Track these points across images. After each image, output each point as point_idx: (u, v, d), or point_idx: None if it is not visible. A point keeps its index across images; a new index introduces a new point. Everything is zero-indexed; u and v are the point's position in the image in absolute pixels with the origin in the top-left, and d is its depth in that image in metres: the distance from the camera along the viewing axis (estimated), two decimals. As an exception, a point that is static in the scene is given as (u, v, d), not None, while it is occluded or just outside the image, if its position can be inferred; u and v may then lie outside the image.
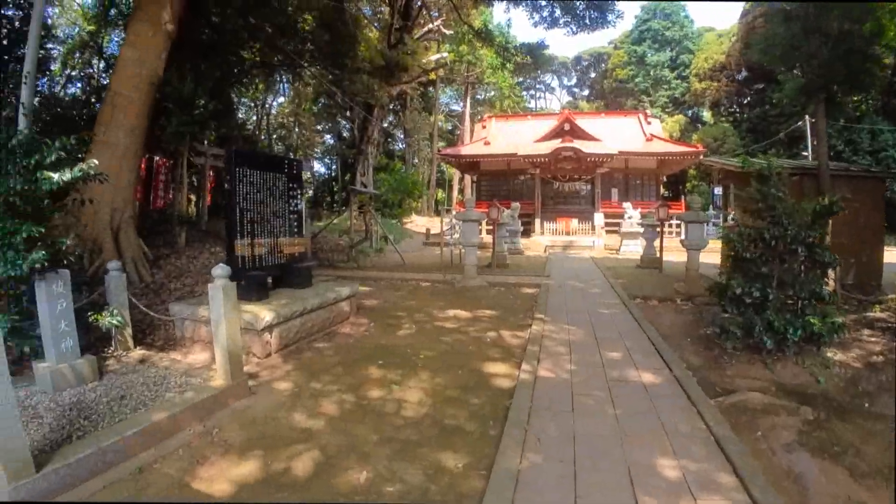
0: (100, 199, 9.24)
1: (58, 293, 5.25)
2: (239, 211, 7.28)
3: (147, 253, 10.23)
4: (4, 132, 5.49)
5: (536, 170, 25.67)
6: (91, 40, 17.71)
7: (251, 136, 25.35)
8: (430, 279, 12.18)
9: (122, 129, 9.80)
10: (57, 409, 4.70)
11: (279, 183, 8.13)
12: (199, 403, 4.89)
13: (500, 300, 9.96)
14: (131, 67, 10.02)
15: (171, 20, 10.33)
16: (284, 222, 8.27)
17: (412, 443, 4.33)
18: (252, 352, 6.55)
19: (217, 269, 5.16)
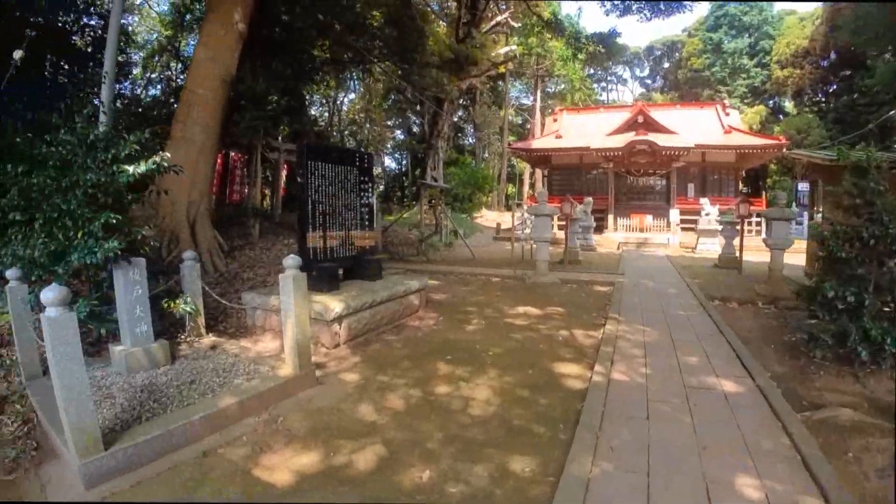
0: (177, 192, 9.58)
1: (134, 280, 5.40)
2: (311, 203, 7.34)
3: (222, 244, 10.56)
4: (86, 128, 5.71)
5: (609, 164, 24.86)
6: (169, 44, 18.53)
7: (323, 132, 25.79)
8: (500, 274, 11.94)
9: (198, 125, 10.17)
10: (129, 391, 4.82)
11: (351, 176, 8.15)
12: (265, 392, 4.90)
13: (572, 298, 9.61)
14: (205, 67, 10.38)
15: (241, 20, 10.60)
16: (356, 215, 8.29)
17: (478, 443, 4.15)
18: (321, 342, 6.56)
19: (288, 259, 5.14)
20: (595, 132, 26.42)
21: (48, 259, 5.24)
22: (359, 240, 8.37)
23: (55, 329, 3.43)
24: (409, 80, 19.42)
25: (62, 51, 10.53)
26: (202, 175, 10.31)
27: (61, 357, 3.46)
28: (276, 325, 6.85)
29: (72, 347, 3.50)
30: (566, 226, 14.05)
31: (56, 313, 3.45)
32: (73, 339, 3.51)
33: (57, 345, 3.44)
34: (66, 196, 5.33)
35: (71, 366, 3.50)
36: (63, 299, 3.50)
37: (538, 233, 11.36)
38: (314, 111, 30.95)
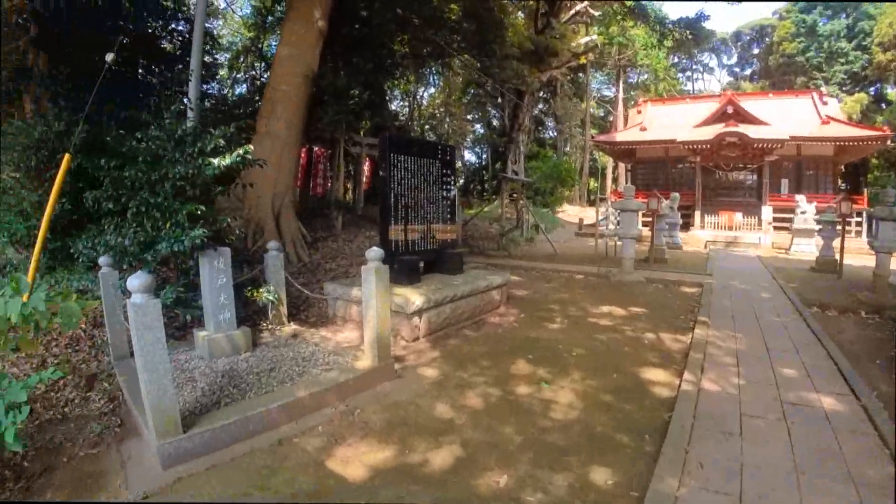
0: (262, 185, 9.90)
1: (219, 269, 5.57)
2: (393, 196, 7.33)
3: (305, 235, 10.84)
4: (174, 124, 5.97)
5: (697, 157, 23.72)
6: (252, 45, 19.16)
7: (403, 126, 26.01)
8: (583, 271, 11.56)
9: (282, 120, 10.49)
10: (210, 375, 4.97)
11: (433, 169, 8.08)
12: (343, 383, 4.90)
13: (658, 298, 9.14)
14: (287, 64, 10.70)
15: (321, 17, 10.84)
16: (437, 208, 8.22)
17: (559, 449, 3.94)
18: (401, 335, 6.53)
19: (371, 251, 5.11)
20: (681, 124, 25.33)
21: (138, 247, 5.48)
22: (440, 233, 8.29)
23: (140, 314, 3.54)
24: (489, 73, 19.22)
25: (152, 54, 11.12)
26: (286, 168, 10.59)
27: (145, 341, 3.58)
28: (357, 316, 6.90)
29: (155, 332, 3.61)
30: (652, 222, 13.49)
31: (141, 299, 3.56)
32: (156, 325, 3.61)
33: (141, 329, 3.56)
34: (154, 188, 5.60)
35: (154, 350, 3.62)
36: (148, 286, 3.60)
37: (624, 229, 10.89)
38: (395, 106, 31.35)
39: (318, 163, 17.74)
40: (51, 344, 5.89)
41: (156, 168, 5.64)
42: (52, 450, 4.11)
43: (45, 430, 4.38)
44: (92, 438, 4.25)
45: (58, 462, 3.96)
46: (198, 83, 7.94)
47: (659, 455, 3.73)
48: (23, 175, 6.82)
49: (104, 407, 4.79)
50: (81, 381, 5.19)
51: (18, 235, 6.59)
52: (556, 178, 19.63)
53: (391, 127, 18.69)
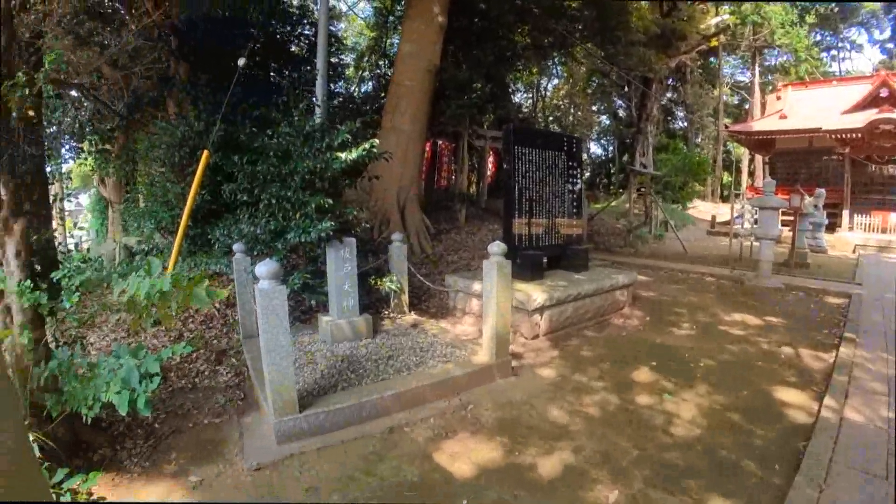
0: (388, 178, 10.24)
1: (344, 258, 5.85)
2: (517, 189, 7.26)
3: (429, 227, 11.07)
4: (301, 121, 6.40)
5: (846, 148, 21.47)
6: (375, 45, 19.74)
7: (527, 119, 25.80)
8: (715, 273, 10.81)
9: (406, 115, 10.77)
10: (331, 359, 5.23)
11: (558, 161, 7.92)
12: (458, 376, 4.92)
13: (798, 308, 8.31)
14: (409, 60, 10.94)
15: (441, 13, 10.92)
16: (563, 202, 8.06)
17: (676, 469, 3.67)
18: (520, 332, 6.45)
19: (493, 245, 5.07)
20: (827, 110, 23.02)
21: (269, 236, 5.95)
22: (565, 228, 8.13)
23: (266, 299, 3.79)
24: (614, 61, 18.57)
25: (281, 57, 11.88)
26: (411, 162, 10.83)
27: (269, 324, 3.80)
28: (477, 310, 6.92)
29: (279, 316, 3.83)
30: (794, 222, 12.25)
31: (267, 285, 3.81)
32: (280, 309, 3.83)
33: (266, 313, 3.79)
34: (285, 182, 6.02)
35: (277, 332, 3.84)
36: (275, 273, 3.85)
37: (762, 229, 9.97)
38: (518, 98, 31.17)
39: (443, 156, 17.98)
40: (188, 321, 6.57)
41: (286, 163, 6.06)
42: (181, 415, 4.54)
43: (176, 397, 4.86)
44: (216, 408, 4.68)
45: (184, 426, 4.37)
46: (324, 82, 8.31)
47: (789, 489, 3.35)
48: (167, 170, 7.52)
49: (230, 381, 5.23)
50: (212, 355, 5.73)
51: (164, 223, 7.29)
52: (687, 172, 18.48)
53: (514, 119, 18.59)
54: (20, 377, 3.42)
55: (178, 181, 7.31)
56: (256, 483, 3.54)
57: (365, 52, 22.13)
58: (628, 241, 14.78)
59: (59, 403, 3.36)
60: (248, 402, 4.83)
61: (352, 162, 6.19)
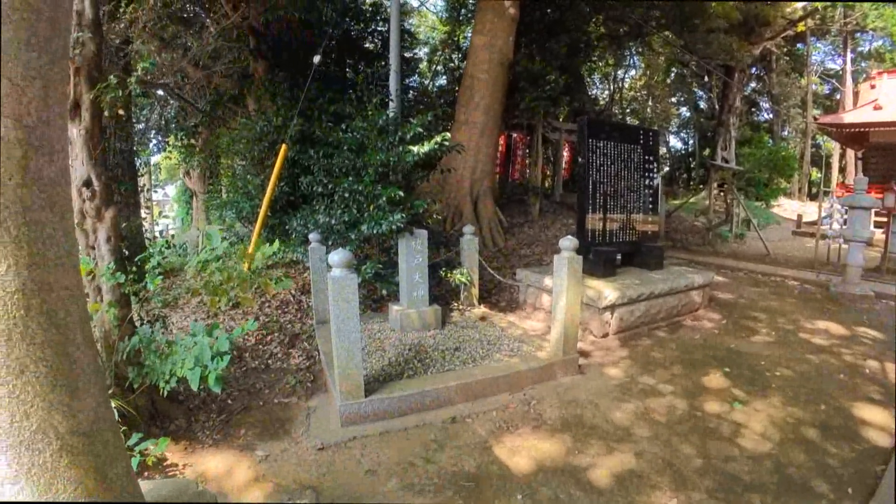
0: (461, 171, 10.32)
1: (415, 249, 5.98)
2: (591, 183, 7.13)
3: (502, 220, 11.09)
4: (374, 114, 6.52)
5: (949, 142, 20.21)
6: (448, 39, 19.78)
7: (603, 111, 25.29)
8: (799, 277, 10.17)
9: (479, 108, 10.74)
10: (399, 347, 5.39)
11: (634, 155, 7.70)
12: (524, 371, 4.92)
13: (887, 320, 7.61)
14: (482, 52, 10.87)
15: (512, 4, 10.84)
16: (638, 198, 7.85)
17: (741, 483, 3.49)
18: (589, 329, 6.37)
19: (565, 240, 5.00)
20: (929, 100, 21.57)
21: (343, 227, 6.14)
22: (640, 224, 7.91)
23: (337, 287, 3.93)
24: (693, 50, 17.90)
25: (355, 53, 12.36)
26: (484, 154, 10.82)
27: (340, 311, 3.96)
28: (547, 305, 6.90)
29: (350, 304, 3.98)
30: (888, 223, 11.48)
31: (340, 273, 3.94)
32: (351, 297, 3.98)
33: (338, 300, 3.94)
34: (360, 174, 6.19)
35: (347, 319, 3.99)
36: (347, 262, 3.98)
37: (852, 230, 9.18)
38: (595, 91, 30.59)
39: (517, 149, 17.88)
40: (264, 305, 6.85)
41: (360, 156, 6.22)
42: (253, 393, 4.80)
43: (250, 377, 5.11)
44: (286, 389, 4.92)
45: (255, 404, 4.62)
46: (397, 77, 8.38)
47: (860, 516, 3.12)
48: (248, 163, 7.96)
49: (301, 363, 5.45)
50: (286, 338, 5.98)
51: (244, 213, 7.68)
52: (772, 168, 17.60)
53: (590, 112, 18.27)
54: (107, 350, 3.74)
55: (257, 173, 7.71)
56: (319, 462, 3.69)
57: (438, 46, 22.28)
58: (707, 239, 14.22)
59: (140, 376, 3.66)
60: (318, 384, 5.03)
61: (424, 155, 6.26)
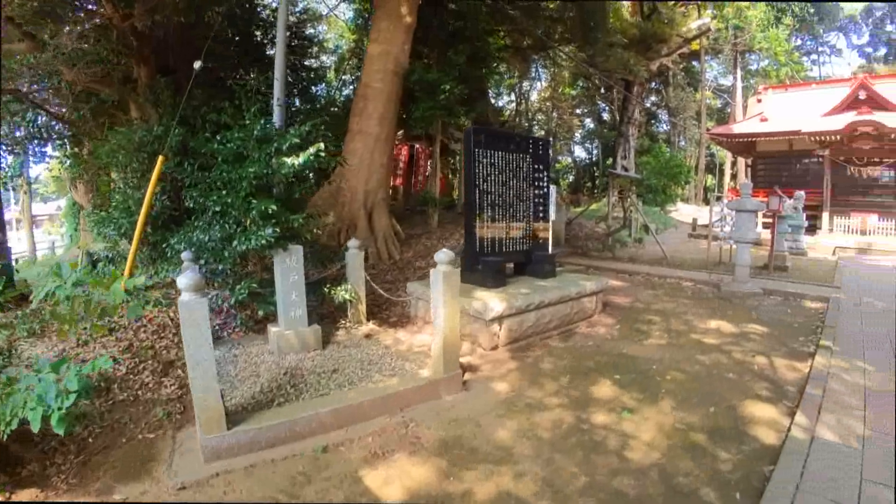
0: (355, 182, 10.08)
1: (290, 267, 5.70)
2: (477, 193, 6.95)
3: (399, 232, 10.90)
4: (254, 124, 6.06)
5: (825, 151, 21.33)
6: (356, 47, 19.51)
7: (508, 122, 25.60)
8: (693, 278, 10.55)
9: (373, 118, 10.53)
10: (274, 372, 5.07)
11: (523, 164, 7.60)
12: (402, 392, 4.70)
13: (775, 314, 8.03)
14: (377, 61, 10.71)
15: (409, 13, 10.72)
16: (528, 206, 7.75)
17: (625, 499, 3.35)
18: (478, 342, 6.17)
19: (440, 253, 4.78)
20: (807, 113, 22.96)
21: (218, 244, 5.75)
22: (531, 233, 7.83)
23: (187, 312, 3.64)
24: (594, 64, 18.37)
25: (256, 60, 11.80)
26: (378, 165, 10.59)
27: (191, 338, 3.67)
28: None
29: (201, 330, 3.68)
30: (773, 224, 12.07)
31: (189, 298, 3.65)
32: (202, 323, 3.68)
33: (188, 326, 3.66)
34: (234, 187, 5.78)
35: (199, 347, 3.70)
36: (196, 286, 3.68)
37: (740, 232, 9.66)
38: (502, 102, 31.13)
39: (420, 160, 17.79)
40: (139, 330, 6.24)
41: (237, 168, 5.82)
42: (118, 429, 4.39)
43: (116, 411, 4.65)
44: (154, 422, 4.47)
45: (117, 442, 4.19)
46: (282, 84, 7.91)
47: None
48: (128, 175, 7.44)
49: (173, 393, 5.02)
50: (159, 366, 5.50)
51: (124, 229, 7.11)
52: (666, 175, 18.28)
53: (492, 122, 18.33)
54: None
55: (138, 187, 7.24)
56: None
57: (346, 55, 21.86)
58: (607, 245, 14.52)
59: (-21, 419, 3.26)
60: (188, 416, 4.61)
61: (300, 166, 5.92)
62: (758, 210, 9.97)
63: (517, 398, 4.84)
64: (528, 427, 4.28)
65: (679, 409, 4.60)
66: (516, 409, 4.61)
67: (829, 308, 8.18)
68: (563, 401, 4.78)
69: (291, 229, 5.89)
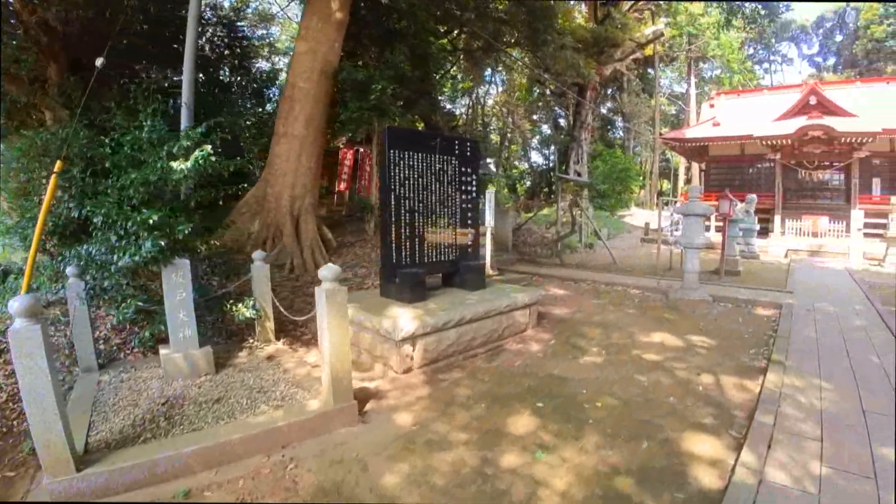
0: (280, 188, 9.57)
1: (177, 283, 5.08)
2: (394, 198, 6.28)
3: (330, 240, 10.27)
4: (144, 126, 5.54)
5: (776, 155, 21.42)
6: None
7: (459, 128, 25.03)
8: (641, 285, 10.08)
9: (299, 120, 9.91)
10: (155, 400, 4.52)
11: (448, 167, 6.95)
12: (284, 427, 4.02)
13: (724, 324, 7.53)
14: (304, 60, 10.10)
15: (339, 9, 10.14)
16: (453, 213, 7.09)
17: None
18: (389, 364, 5.50)
19: (324, 269, 4.14)
20: (758, 118, 23.00)
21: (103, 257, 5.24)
22: (457, 241, 7.17)
23: (18, 342, 3.17)
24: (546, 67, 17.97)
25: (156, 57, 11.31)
26: (305, 169, 9.92)
27: (24, 371, 3.19)
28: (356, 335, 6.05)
29: (35, 361, 3.19)
30: (724, 228, 11.77)
31: (21, 324, 3.19)
32: (37, 352, 3.19)
33: (20, 357, 3.17)
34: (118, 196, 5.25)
35: (36, 381, 3.21)
36: (29, 310, 3.15)
37: (688, 237, 9.12)
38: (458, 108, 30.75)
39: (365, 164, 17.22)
40: None
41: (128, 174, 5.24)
42: None
43: None
44: (19, 458, 3.94)
45: None
46: (191, 84, 7.26)
47: None
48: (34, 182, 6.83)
49: None
50: None
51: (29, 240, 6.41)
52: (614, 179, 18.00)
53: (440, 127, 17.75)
54: None
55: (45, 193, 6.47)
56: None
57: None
58: (555, 251, 14.05)
59: None
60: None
61: (190, 172, 5.29)
62: (706, 214, 9.51)
63: (418, 433, 4.17)
64: (422, 471, 3.61)
65: (606, 446, 3.94)
66: (414, 448, 3.93)
67: (782, 315, 7.80)
68: (470, 436, 4.10)
69: (178, 241, 5.19)
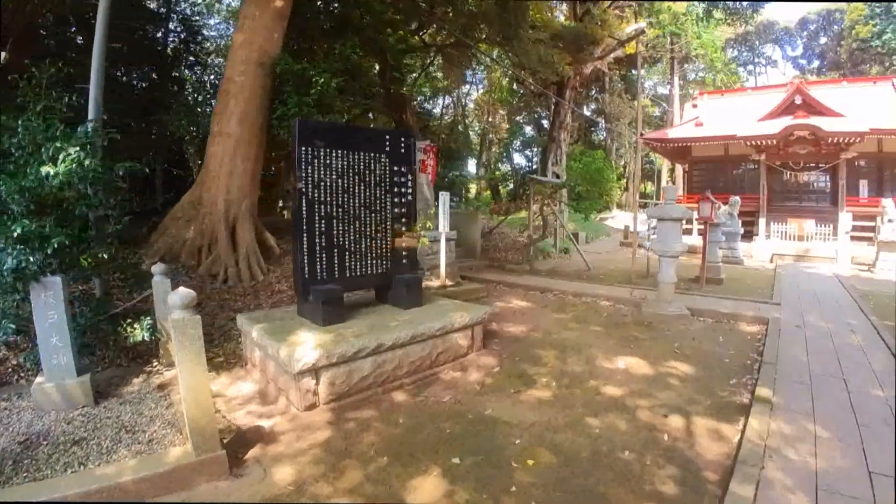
0: (214, 191, 8.82)
1: (47, 303, 4.37)
2: (306, 203, 5.41)
3: (273, 247, 9.51)
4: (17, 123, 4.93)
5: (761, 156, 20.75)
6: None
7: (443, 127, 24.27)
8: (612, 296, 9.16)
9: (234, 117, 9.11)
10: (14, 439, 3.88)
11: (376, 166, 6.04)
12: (134, 482, 3.26)
13: (702, 345, 6.55)
14: (240, 52, 9.32)
15: None
16: (384, 218, 6.17)
17: None
18: (290, 400, 4.65)
19: (174, 294, 3.37)
20: (743, 118, 22.31)
21: None
22: (390, 253, 6.28)
23: None
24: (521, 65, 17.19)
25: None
26: (241, 171, 9.07)
27: None
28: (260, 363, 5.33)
29: None
30: (705, 232, 10.90)
31: None
32: None
33: None
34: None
35: None
36: None
37: (663, 244, 8.24)
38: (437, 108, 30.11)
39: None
40: None
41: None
42: None
43: None
44: None
45: None
46: (100, 79, 6.45)
47: None
48: None
49: None
50: None
51: None
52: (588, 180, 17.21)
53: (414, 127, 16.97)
54: None
55: None
56: None
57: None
58: (527, 256, 13.27)
59: None
60: None
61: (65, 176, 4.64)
62: (683, 218, 8.68)
63: (291, 497, 3.30)
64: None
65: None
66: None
67: (769, 332, 6.94)
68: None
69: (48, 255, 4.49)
